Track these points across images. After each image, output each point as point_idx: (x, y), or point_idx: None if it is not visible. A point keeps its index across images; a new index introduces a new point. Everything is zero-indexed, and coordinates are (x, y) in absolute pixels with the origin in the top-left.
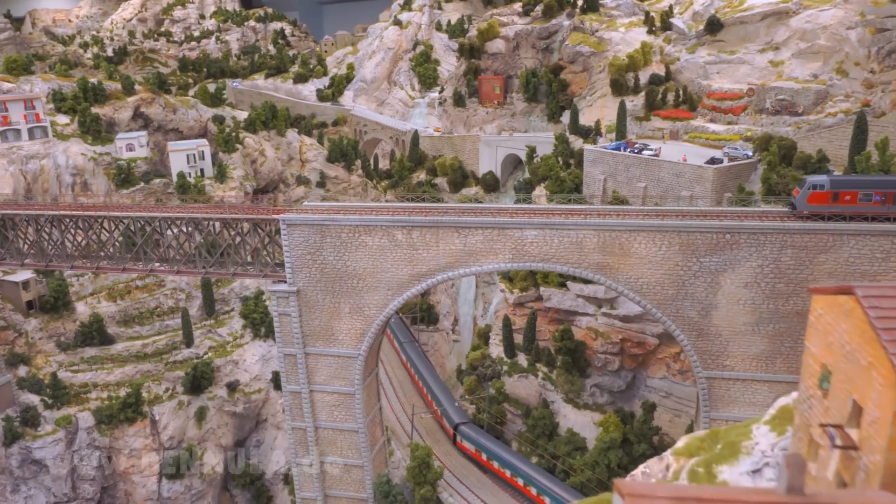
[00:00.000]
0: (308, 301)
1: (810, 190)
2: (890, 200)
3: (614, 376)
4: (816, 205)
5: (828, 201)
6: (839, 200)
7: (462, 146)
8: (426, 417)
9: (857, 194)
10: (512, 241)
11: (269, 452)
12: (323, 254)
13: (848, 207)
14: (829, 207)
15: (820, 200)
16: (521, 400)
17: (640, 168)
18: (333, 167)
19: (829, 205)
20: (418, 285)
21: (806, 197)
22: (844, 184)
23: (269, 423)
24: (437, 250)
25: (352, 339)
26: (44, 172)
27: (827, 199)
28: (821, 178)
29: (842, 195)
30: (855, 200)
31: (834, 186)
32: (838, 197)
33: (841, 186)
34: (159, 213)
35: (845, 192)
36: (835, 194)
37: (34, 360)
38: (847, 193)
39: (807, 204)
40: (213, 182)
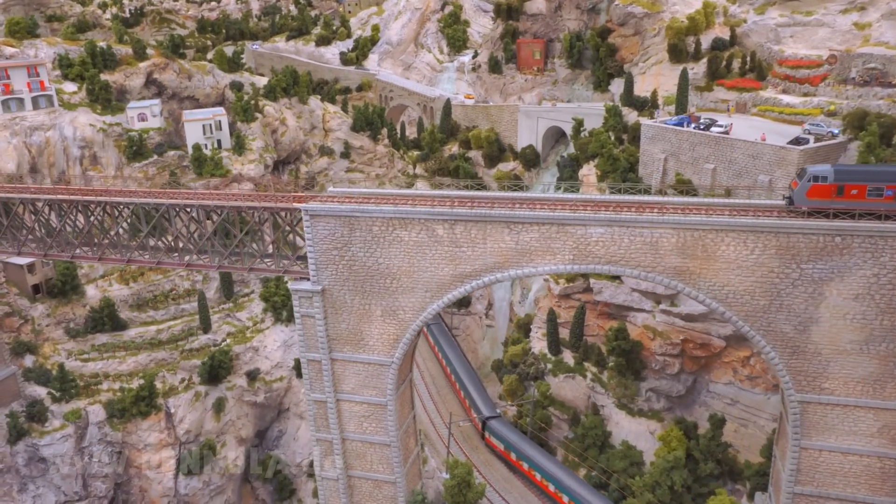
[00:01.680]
0: (334, 302)
1: (811, 182)
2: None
3: (673, 380)
4: (817, 199)
5: (831, 195)
6: (844, 195)
7: (499, 117)
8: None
9: (866, 188)
10: (573, 240)
11: (291, 443)
12: (351, 249)
13: (855, 203)
14: (832, 203)
15: (821, 194)
16: (566, 403)
17: (709, 147)
18: (358, 137)
19: (833, 199)
20: (461, 287)
21: (805, 190)
22: (851, 175)
23: (292, 413)
24: (483, 248)
25: (384, 346)
26: (49, 145)
27: (830, 192)
28: (823, 168)
29: (847, 189)
30: (863, 195)
31: (839, 178)
32: (843, 191)
33: (847, 178)
34: (166, 199)
35: (852, 185)
36: (839, 187)
37: (41, 348)
38: (854, 187)
39: (806, 198)
40: (230, 154)
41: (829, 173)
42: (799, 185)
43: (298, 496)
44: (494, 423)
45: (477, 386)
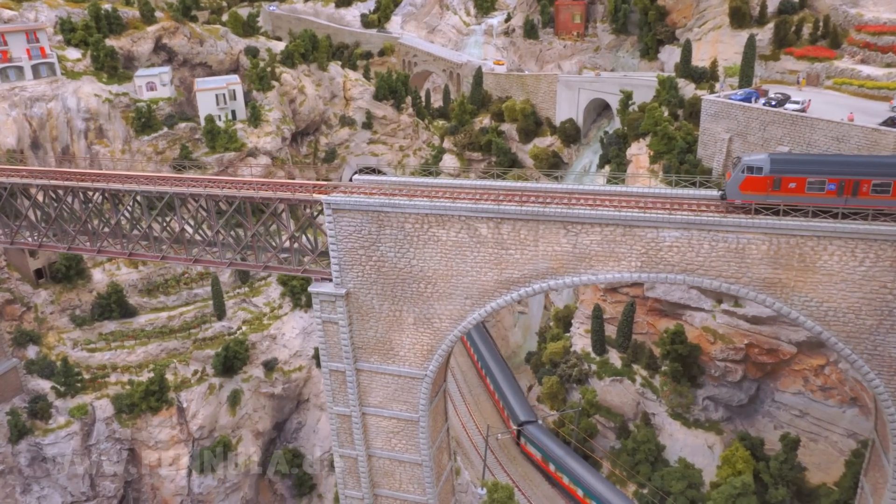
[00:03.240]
0: (360, 307)
1: (744, 173)
2: (848, 190)
3: (734, 388)
4: (751, 193)
5: (766, 189)
6: (782, 188)
7: (535, 87)
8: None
9: (806, 181)
10: (642, 244)
11: (311, 436)
12: (380, 248)
13: (793, 198)
14: (767, 197)
15: (756, 187)
16: (613, 409)
17: (783, 127)
18: (381, 106)
19: (768, 193)
20: (507, 295)
21: (738, 182)
22: (790, 166)
23: (312, 404)
24: (534, 251)
25: (416, 357)
26: (52, 117)
27: (765, 185)
28: (758, 158)
29: (785, 182)
30: (802, 189)
31: (776, 169)
32: (780, 184)
33: (785, 170)
34: (170, 186)
35: (790, 177)
36: (776, 180)
37: (45, 338)
38: (792, 179)
39: (739, 191)
40: (245, 126)
41: (765, 163)
42: (732, 176)
43: (319, 491)
44: (531, 429)
45: (512, 386)
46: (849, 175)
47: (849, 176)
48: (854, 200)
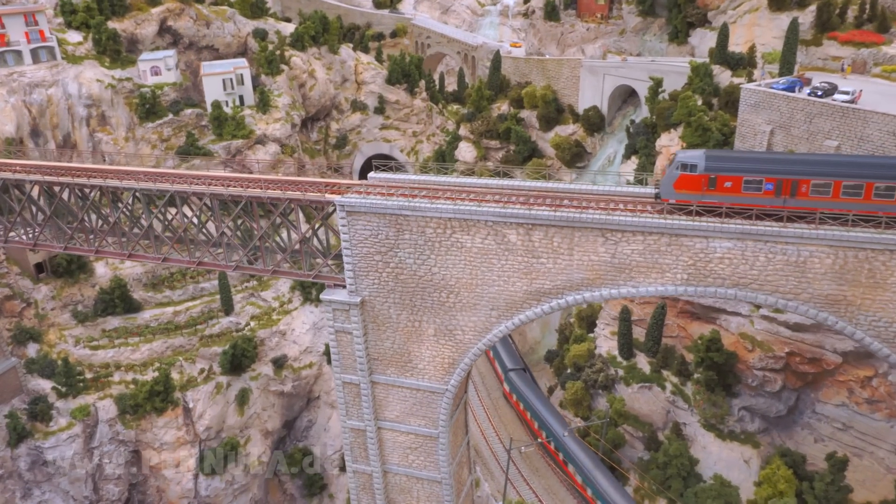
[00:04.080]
0: (376, 316)
1: (678, 171)
2: (786, 190)
3: (772, 398)
4: (686, 192)
5: (701, 188)
6: (717, 187)
7: (557, 72)
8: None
9: (742, 180)
10: (689, 255)
11: (322, 434)
12: (399, 254)
13: (729, 197)
14: (702, 196)
15: (691, 186)
16: (641, 417)
17: (832, 120)
18: (394, 90)
19: (703, 192)
20: (537, 307)
21: (673, 180)
22: (726, 164)
23: (322, 402)
24: (569, 260)
25: (437, 370)
26: (52, 104)
27: (700, 184)
28: (693, 155)
29: (721, 180)
30: (738, 188)
31: (711, 167)
32: (716, 182)
33: (721, 168)
34: (171, 184)
35: (726, 176)
36: (711, 179)
37: (46, 335)
38: (728, 178)
39: (674, 190)
40: (254, 112)
41: (700, 161)
42: (666, 173)
43: (330, 491)
44: None
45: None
46: (787, 174)
47: (787, 175)
48: (793, 201)
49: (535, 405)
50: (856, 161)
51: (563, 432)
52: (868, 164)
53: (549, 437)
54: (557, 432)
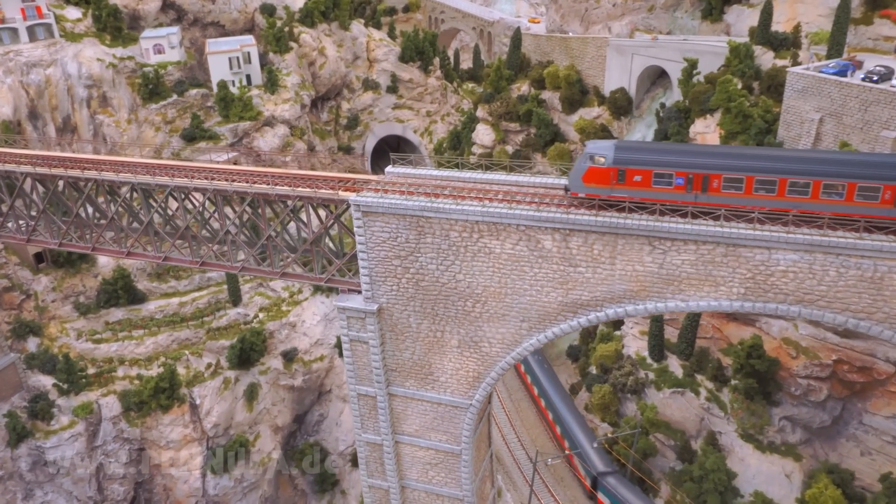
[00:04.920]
0: (394, 325)
1: (587, 163)
2: (697, 185)
3: (816, 408)
4: (594, 185)
5: (609, 181)
6: (626, 181)
7: (581, 51)
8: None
9: (652, 174)
10: (748, 267)
11: (333, 429)
12: (420, 259)
13: (638, 192)
14: (611, 190)
15: (599, 180)
16: (673, 424)
17: (891, 108)
18: (407, 68)
19: (612, 186)
20: (573, 320)
21: (581, 173)
22: (636, 157)
23: (334, 395)
24: (610, 270)
25: (460, 384)
26: (51, 85)
27: (608, 178)
28: (603, 146)
29: (630, 174)
30: (648, 183)
31: (620, 160)
32: (625, 176)
33: (630, 161)
34: (170, 179)
35: (635, 169)
36: (620, 172)
37: (46, 329)
38: (638, 172)
39: (582, 183)
40: (261, 92)
41: (609, 153)
42: (575, 166)
43: (341, 487)
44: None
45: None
46: (698, 168)
47: (698, 169)
48: (704, 197)
49: (563, 414)
50: (771, 155)
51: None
52: (785, 157)
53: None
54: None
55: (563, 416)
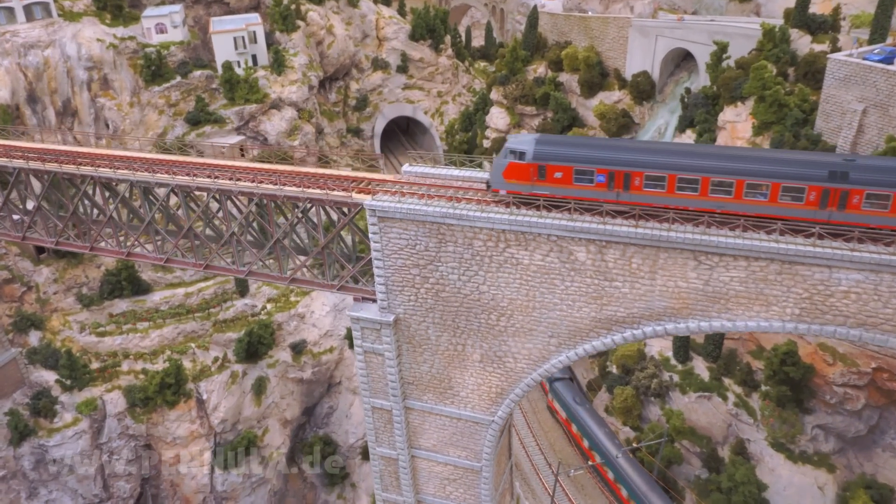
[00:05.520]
0: (412, 336)
1: (507, 158)
2: (619, 183)
3: (852, 417)
4: (515, 182)
5: (530, 178)
6: (547, 178)
7: (601, 32)
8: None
9: (573, 170)
10: (805, 286)
11: (343, 421)
12: (440, 269)
13: (559, 189)
14: (532, 187)
15: (520, 176)
16: (698, 430)
17: None
18: (418, 46)
19: (533, 183)
20: (607, 336)
21: (501, 169)
22: (556, 153)
23: (344, 388)
24: (650, 285)
25: (482, 400)
26: (49, 67)
27: (529, 174)
28: (524, 141)
29: (550, 170)
30: (569, 180)
31: (540, 156)
32: (545, 172)
33: (550, 157)
34: (171, 176)
35: (556, 165)
36: (540, 168)
37: (48, 322)
38: (558, 168)
39: (503, 180)
40: (268, 74)
41: (529, 148)
42: (496, 161)
43: (352, 480)
44: None
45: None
46: (619, 165)
47: (619, 167)
48: (626, 195)
49: (585, 421)
50: (696, 152)
51: (615, 453)
52: (710, 155)
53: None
54: (610, 453)
55: (586, 425)
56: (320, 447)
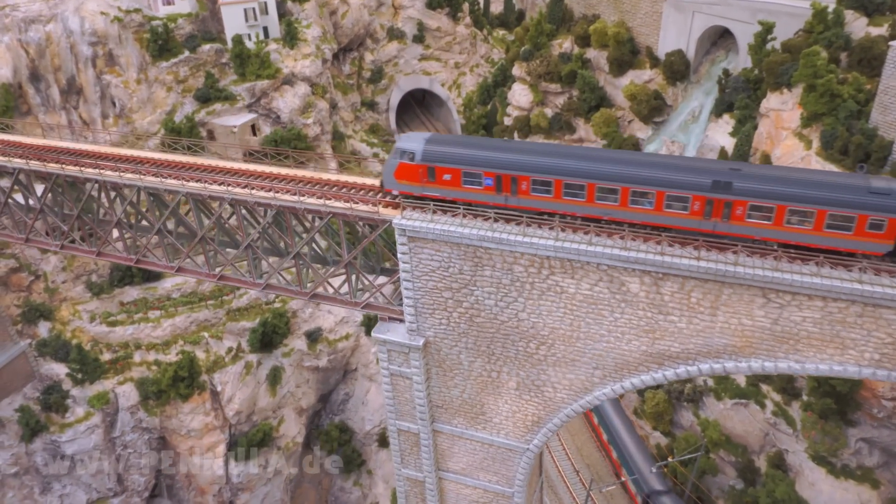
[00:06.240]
0: (442, 360)
1: (398, 158)
2: (507, 187)
3: None
4: (406, 183)
5: (420, 179)
6: (437, 180)
7: (633, 6)
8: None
9: (461, 173)
10: (888, 331)
11: (359, 408)
12: (475, 293)
13: (450, 191)
14: (423, 189)
15: (410, 177)
16: (733, 438)
17: None
18: (434, 15)
19: (423, 184)
20: (658, 371)
21: (393, 169)
22: (445, 154)
23: (360, 374)
24: (710, 321)
25: (517, 427)
26: (52, 43)
27: (419, 175)
28: (413, 141)
29: (440, 172)
30: (458, 182)
31: (429, 157)
32: (435, 174)
33: (439, 158)
34: (182, 184)
35: (445, 167)
36: (430, 169)
37: (57, 312)
38: (447, 170)
39: (395, 180)
40: (280, 47)
41: (418, 149)
42: (387, 160)
43: (368, 467)
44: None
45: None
46: (506, 169)
47: (506, 170)
48: (515, 199)
49: (621, 437)
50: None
51: (649, 468)
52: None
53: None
54: (643, 468)
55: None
56: (336, 434)
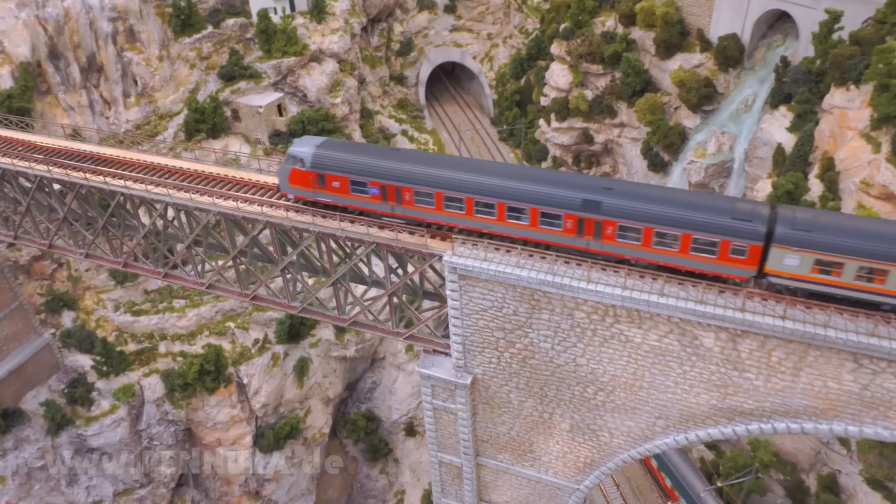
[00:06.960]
0: (490, 398)
1: (290, 164)
2: (392, 196)
3: None
4: (299, 188)
5: (311, 185)
6: (327, 186)
7: None
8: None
9: (348, 181)
10: None
11: (387, 397)
12: (530, 335)
13: (339, 197)
14: (314, 194)
15: (302, 182)
16: (782, 455)
17: None
18: None
19: (315, 190)
20: (727, 426)
21: (287, 174)
22: (334, 161)
23: (388, 363)
24: (790, 382)
25: (567, 467)
26: (70, 19)
27: (309, 181)
28: (304, 146)
29: (329, 178)
30: (347, 189)
31: (318, 163)
32: (325, 181)
33: (328, 166)
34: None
35: (333, 175)
36: (319, 176)
37: (81, 301)
38: (336, 178)
39: (289, 185)
40: (307, 22)
41: (308, 155)
42: (282, 164)
43: (395, 456)
44: None
45: None
46: (390, 180)
47: (390, 181)
48: (401, 209)
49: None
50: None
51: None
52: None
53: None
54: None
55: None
56: (363, 423)
